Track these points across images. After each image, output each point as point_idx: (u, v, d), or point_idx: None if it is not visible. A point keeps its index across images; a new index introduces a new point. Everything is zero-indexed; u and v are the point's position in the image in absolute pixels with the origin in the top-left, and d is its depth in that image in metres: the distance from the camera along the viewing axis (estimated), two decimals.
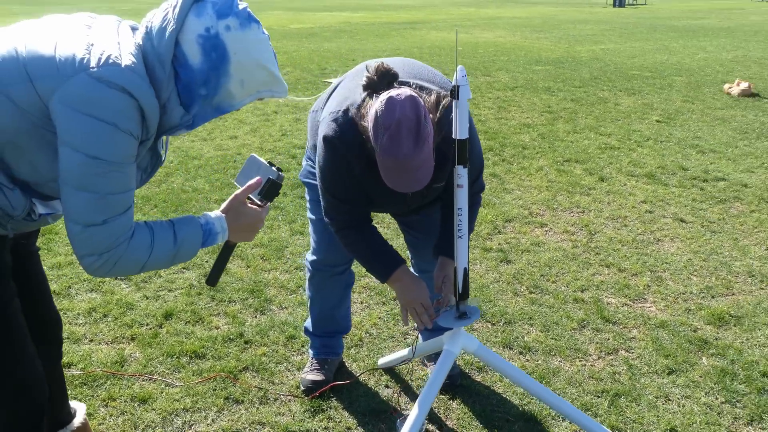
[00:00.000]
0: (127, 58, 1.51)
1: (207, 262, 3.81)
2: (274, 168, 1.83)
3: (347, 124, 2.15)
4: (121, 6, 23.80)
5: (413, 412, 2.20)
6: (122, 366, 2.85)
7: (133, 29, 1.64)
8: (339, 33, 16.38)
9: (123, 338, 3.06)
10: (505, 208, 4.69)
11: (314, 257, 2.68)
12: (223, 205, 1.75)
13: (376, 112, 1.99)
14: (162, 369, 2.83)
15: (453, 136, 2.08)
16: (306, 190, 2.65)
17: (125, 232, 1.55)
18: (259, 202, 1.82)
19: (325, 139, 2.20)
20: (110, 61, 1.49)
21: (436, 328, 2.61)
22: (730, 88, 8.68)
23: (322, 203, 2.37)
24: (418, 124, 1.97)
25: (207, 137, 6.52)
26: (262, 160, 1.87)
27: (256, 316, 3.26)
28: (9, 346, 1.69)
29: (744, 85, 8.55)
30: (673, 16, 23.14)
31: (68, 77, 1.46)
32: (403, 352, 2.74)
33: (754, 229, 4.37)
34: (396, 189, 2.06)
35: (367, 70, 2.13)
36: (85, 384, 2.71)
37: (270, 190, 1.82)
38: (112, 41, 1.55)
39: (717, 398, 2.69)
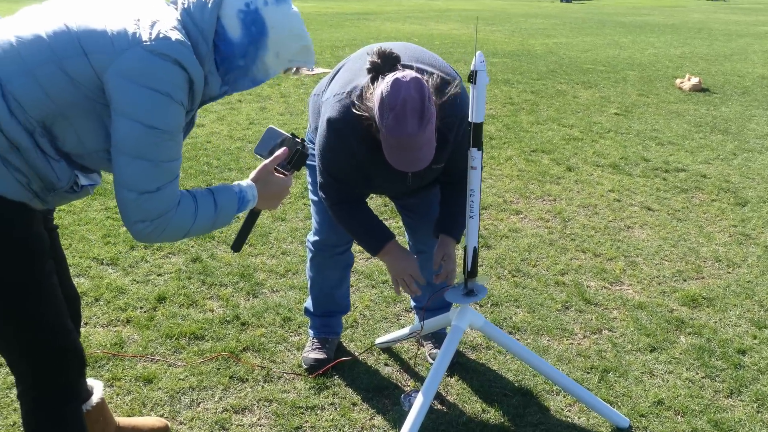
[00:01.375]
0: (175, 32, 1.57)
1: (192, 247, 3.82)
2: (298, 139, 1.91)
3: (351, 106, 2.20)
4: None
5: (425, 385, 2.28)
6: (122, 348, 2.85)
7: (170, 4, 1.69)
8: None
9: (118, 321, 3.06)
10: (480, 195, 4.81)
11: (316, 238, 2.73)
12: (252, 174, 1.83)
13: (382, 92, 2.06)
14: (162, 350, 2.84)
15: (470, 120, 2.17)
16: (308, 172, 2.70)
17: (174, 199, 1.61)
18: (285, 172, 1.89)
19: (329, 120, 2.26)
20: (161, 35, 1.55)
21: (438, 306, 2.70)
22: (681, 82, 9.01)
23: (318, 180, 2.43)
24: (422, 105, 2.04)
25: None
26: (282, 131, 1.94)
27: (249, 299, 3.29)
28: (56, 318, 1.72)
29: (695, 80, 8.89)
30: (620, 12, 23.73)
31: (123, 51, 1.51)
32: (401, 331, 2.82)
33: (717, 217, 4.60)
34: (399, 168, 2.14)
35: (370, 54, 2.19)
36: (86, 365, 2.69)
37: (299, 159, 1.91)
38: (157, 16, 1.60)
39: (698, 373, 2.85)
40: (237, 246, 1.96)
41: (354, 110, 2.18)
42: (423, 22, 17.80)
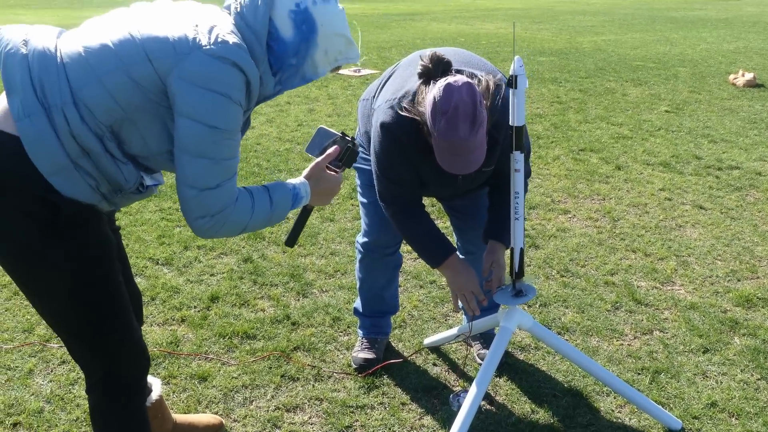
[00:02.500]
0: (232, 36, 1.64)
1: (243, 248, 3.90)
2: (348, 137, 1.97)
3: (402, 110, 2.24)
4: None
5: (474, 386, 2.29)
6: (177, 346, 2.94)
7: (224, 9, 1.77)
8: None
9: (173, 320, 3.15)
10: (528, 195, 4.79)
11: (365, 239, 2.77)
12: (305, 172, 1.90)
13: (434, 97, 2.09)
14: (216, 349, 2.92)
15: (510, 123, 2.18)
16: (357, 174, 2.74)
17: (233, 195, 1.68)
18: (336, 169, 1.95)
19: (383, 125, 2.30)
20: (220, 39, 1.61)
21: (487, 307, 2.71)
22: (735, 78, 8.79)
23: (376, 186, 2.47)
24: (474, 110, 2.07)
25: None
26: (333, 130, 2.00)
27: (299, 300, 3.35)
28: (124, 317, 1.80)
29: (749, 75, 8.66)
30: (671, 7, 23.25)
31: (185, 55, 1.59)
32: (450, 332, 2.84)
33: None
34: (450, 171, 2.17)
35: (422, 59, 2.22)
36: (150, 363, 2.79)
37: (350, 156, 1.97)
38: (214, 21, 1.67)
39: (753, 375, 2.80)
40: (291, 241, 2.03)
41: (406, 114, 2.22)
42: (469, 21, 17.73)
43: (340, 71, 9.51)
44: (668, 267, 3.74)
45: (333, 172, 1.94)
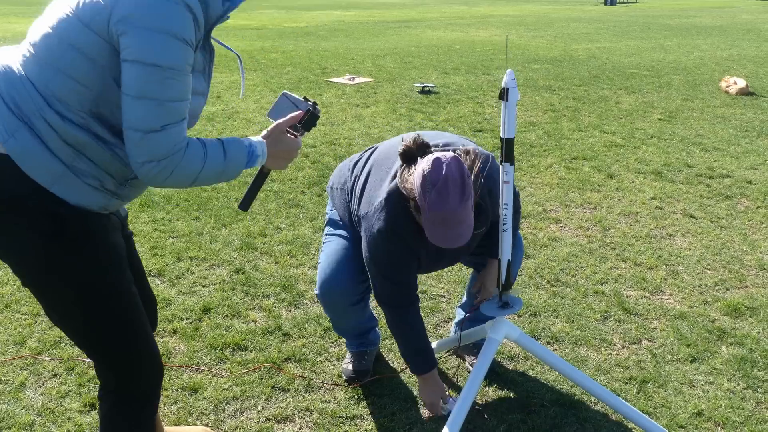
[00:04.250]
0: None
1: (236, 258, 3.92)
2: (310, 102, 1.94)
3: (396, 208, 2.32)
4: None
5: (462, 396, 2.32)
6: (168, 358, 2.95)
7: None
8: (334, 32, 16.47)
9: (165, 332, 3.17)
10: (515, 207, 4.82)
11: (323, 297, 2.69)
12: (264, 132, 1.85)
13: (423, 171, 2.15)
14: (207, 360, 2.94)
15: (501, 135, 2.21)
16: (326, 219, 2.78)
17: (181, 140, 1.62)
18: (295, 133, 1.91)
19: (381, 231, 2.35)
20: None
21: (478, 318, 2.74)
22: (727, 86, 8.85)
23: (374, 287, 2.49)
24: (462, 181, 2.14)
25: (218, 137, 6.60)
26: (296, 95, 1.97)
27: (290, 310, 3.37)
28: (139, 325, 1.83)
29: (741, 83, 8.72)
30: (665, 14, 23.37)
31: (114, 3, 1.55)
32: (439, 343, 2.86)
33: (762, 224, 4.52)
34: (440, 245, 2.20)
35: (404, 140, 2.28)
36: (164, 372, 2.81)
37: (309, 120, 1.92)
38: None
39: (739, 384, 2.83)
40: (245, 205, 1.95)
41: (400, 212, 2.30)
42: (464, 28, 17.80)
43: (335, 79, 9.56)
44: (658, 276, 3.77)
45: (292, 136, 1.89)
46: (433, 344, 2.87)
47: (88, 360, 2.91)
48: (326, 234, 2.73)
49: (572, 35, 16.03)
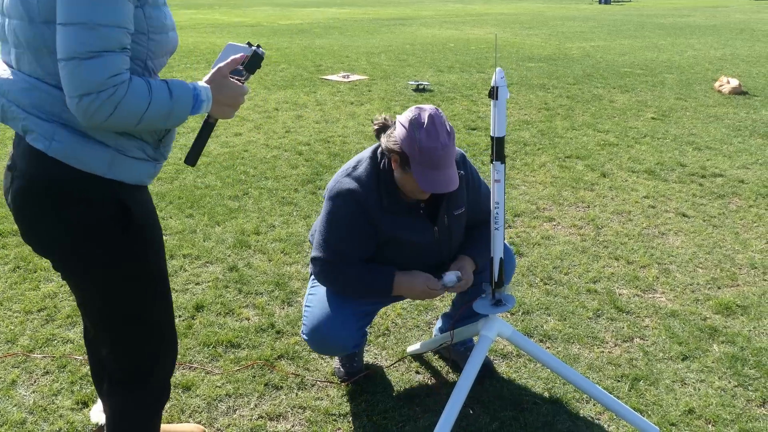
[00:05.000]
0: None
1: (229, 256, 3.92)
2: (254, 45, 1.87)
3: (363, 171, 2.39)
4: None
5: (454, 394, 2.32)
6: None
7: None
8: (329, 29, 16.45)
9: None
10: (513, 203, 4.84)
11: (314, 341, 2.56)
12: (206, 77, 1.77)
13: (408, 117, 2.27)
14: (200, 358, 2.94)
15: (492, 134, 2.22)
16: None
17: (121, 72, 1.52)
18: (240, 78, 1.83)
19: (340, 193, 2.38)
20: None
21: (468, 315, 2.74)
22: (720, 85, 8.88)
23: (319, 256, 2.44)
24: (445, 120, 2.29)
25: (212, 135, 6.59)
26: (240, 44, 1.89)
27: (284, 308, 3.38)
28: (170, 306, 1.87)
29: (734, 82, 8.75)
30: (659, 13, 23.42)
31: None
32: (432, 340, 2.87)
33: (754, 223, 4.54)
34: (433, 190, 2.26)
35: (375, 120, 2.42)
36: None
37: (252, 60, 1.83)
38: None
39: (730, 382, 2.84)
40: (191, 159, 1.82)
41: (365, 173, 2.37)
42: (459, 26, 17.81)
43: (329, 77, 9.56)
44: (650, 275, 3.79)
45: (237, 81, 1.80)
46: (416, 345, 2.89)
47: (80, 357, 2.91)
48: (313, 279, 2.65)
49: (566, 33, 16.05)
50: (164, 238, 4.15)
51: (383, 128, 2.39)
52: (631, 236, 4.30)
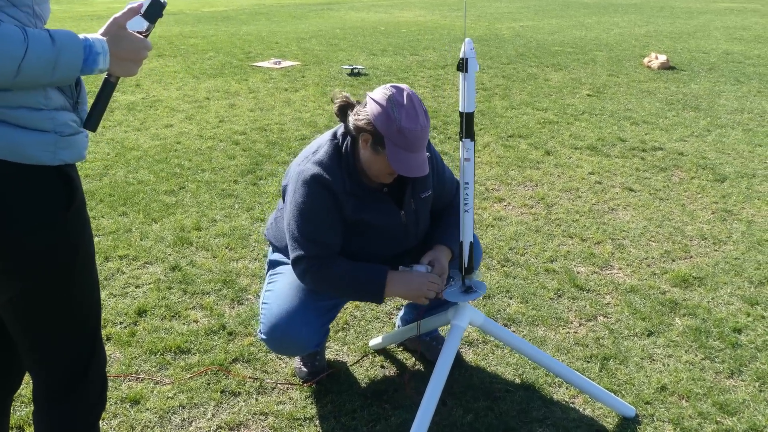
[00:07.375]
0: None
1: (170, 255, 3.69)
2: None
3: (325, 155, 2.25)
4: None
5: (429, 389, 2.19)
6: None
7: None
8: (255, 15, 16.04)
9: None
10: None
11: (272, 341, 2.39)
12: (101, 30, 1.58)
13: (385, 95, 2.14)
14: (147, 367, 2.72)
15: (460, 110, 2.09)
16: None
17: None
18: (141, 31, 1.64)
19: (308, 180, 2.23)
20: None
21: (437, 304, 2.62)
22: (649, 61, 9.02)
23: (292, 253, 2.27)
24: (421, 101, 2.17)
25: (140, 127, 6.27)
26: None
27: (234, 307, 3.18)
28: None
29: (662, 58, 8.90)
30: None
31: None
32: (396, 332, 2.74)
33: (698, 194, 4.58)
34: (406, 173, 2.15)
35: (335, 98, 2.27)
36: None
37: (152, 8, 1.64)
38: None
39: (697, 355, 2.81)
40: (92, 123, 1.63)
41: (329, 158, 2.24)
42: (388, 10, 17.65)
43: (260, 63, 9.27)
44: (605, 251, 3.75)
45: (136, 34, 1.61)
46: (390, 335, 2.74)
47: None
48: (270, 275, 2.49)
49: (495, 14, 16.10)
50: (97, 239, 3.87)
51: (347, 106, 2.23)
52: (582, 213, 4.27)
